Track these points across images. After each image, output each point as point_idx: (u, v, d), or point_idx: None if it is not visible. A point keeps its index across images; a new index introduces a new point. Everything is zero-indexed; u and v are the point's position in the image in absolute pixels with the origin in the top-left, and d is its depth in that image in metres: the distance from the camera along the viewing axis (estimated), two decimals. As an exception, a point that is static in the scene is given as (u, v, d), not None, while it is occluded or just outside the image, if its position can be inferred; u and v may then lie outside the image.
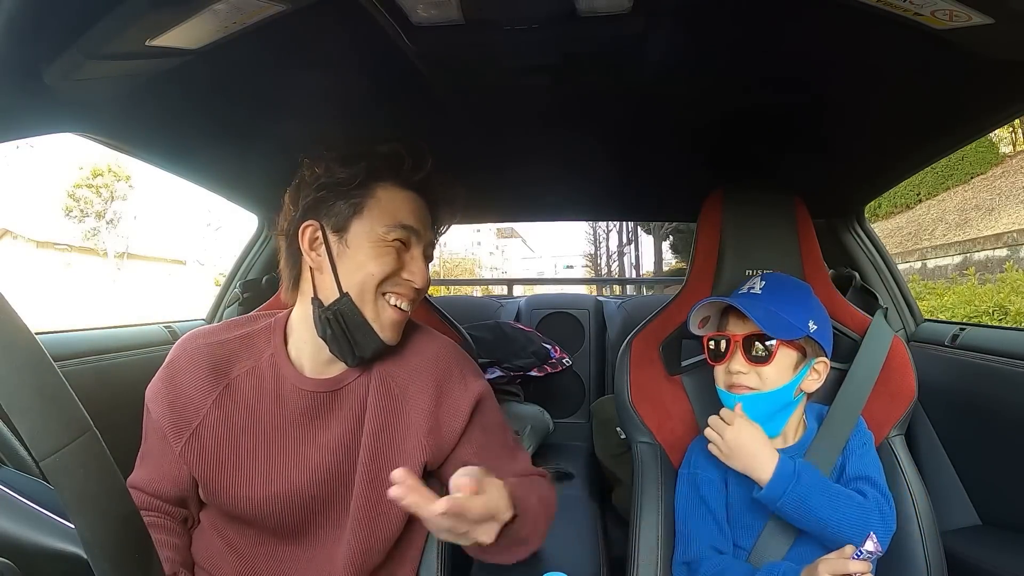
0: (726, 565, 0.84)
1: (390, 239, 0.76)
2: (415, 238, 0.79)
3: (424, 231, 0.80)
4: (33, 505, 0.43)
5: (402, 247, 0.78)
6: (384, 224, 0.76)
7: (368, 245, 0.76)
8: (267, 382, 0.78)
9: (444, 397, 0.81)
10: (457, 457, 0.81)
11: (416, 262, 0.78)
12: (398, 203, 0.78)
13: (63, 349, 1.00)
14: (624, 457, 1.46)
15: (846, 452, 0.88)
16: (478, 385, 0.84)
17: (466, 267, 26.70)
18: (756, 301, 0.87)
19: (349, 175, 0.76)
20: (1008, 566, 0.90)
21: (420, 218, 0.80)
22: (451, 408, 0.81)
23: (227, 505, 0.76)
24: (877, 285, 1.33)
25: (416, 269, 0.78)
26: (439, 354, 0.85)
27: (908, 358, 0.98)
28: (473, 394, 0.83)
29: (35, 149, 18.67)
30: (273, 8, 0.62)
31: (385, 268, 0.76)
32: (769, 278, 0.91)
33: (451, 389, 0.82)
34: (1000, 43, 0.63)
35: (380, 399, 0.79)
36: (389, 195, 0.78)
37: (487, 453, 0.82)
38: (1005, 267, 6.69)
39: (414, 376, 0.82)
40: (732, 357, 0.87)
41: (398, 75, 0.84)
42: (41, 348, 0.36)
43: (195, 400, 0.76)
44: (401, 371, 0.82)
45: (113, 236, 18.73)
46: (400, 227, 0.77)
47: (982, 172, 10.30)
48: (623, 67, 0.83)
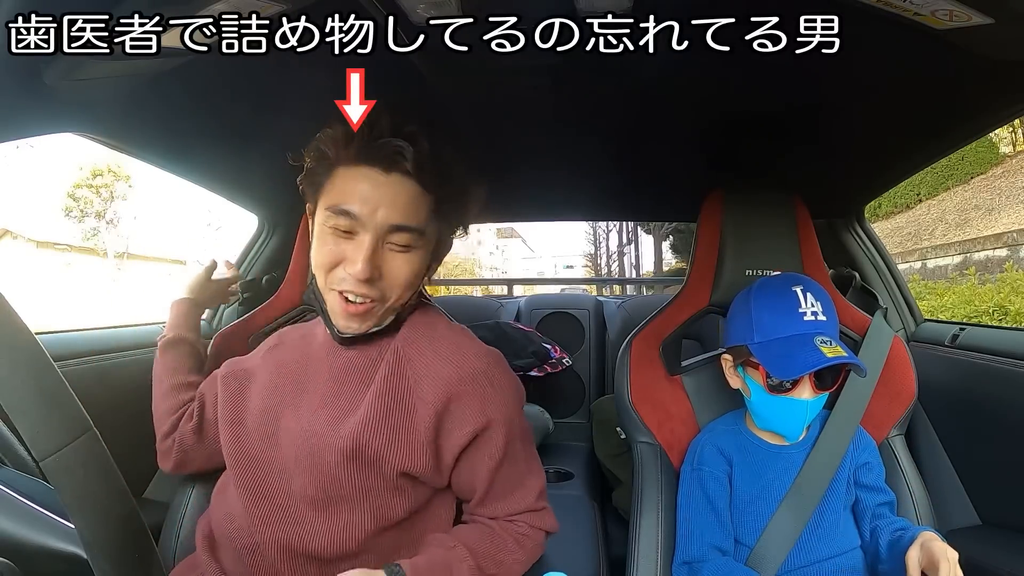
0: (729, 568, 0.84)
1: (329, 226, 0.70)
2: (361, 226, 0.69)
3: (379, 217, 0.68)
4: (33, 505, 0.43)
5: (346, 235, 0.70)
6: (326, 209, 0.70)
7: (318, 231, 0.72)
8: (312, 340, 0.82)
9: (448, 412, 0.72)
10: (454, 475, 0.76)
11: (358, 251, 0.68)
12: (349, 185, 0.69)
13: (63, 349, 1.00)
14: (624, 457, 1.46)
15: (856, 461, 0.88)
16: (491, 414, 0.73)
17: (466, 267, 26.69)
18: (829, 328, 0.83)
19: (315, 155, 0.73)
20: (1008, 566, 0.90)
21: (375, 200, 0.68)
22: (458, 423, 0.72)
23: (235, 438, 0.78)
24: (877, 285, 1.33)
25: (355, 259, 0.68)
26: (463, 368, 0.73)
27: (908, 358, 0.98)
28: (480, 421, 0.72)
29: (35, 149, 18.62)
30: (273, 8, 0.62)
31: (321, 258, 0.71)
32: (808, 288, 0.86)
33: (460, 407, 0.72)
34: (1000, 43, 0.63)
35: (390, 378, 0.73)
36: (343, 175, 0.70)
37: (476, 481, 0.75)
38: (1005, 267, 6.69)
39: (430, 377, 0.73)
40: (802, 387, 0.82)
41: (398, 75, 0.84)
42: (41, 348, 0.36)
43: (253, 358, 0.84)
44: (419, 365, 0.74)
45: (113, 236, 18.71)
46: (339, 212, 0.68)
47: (982, 172, 10.30)
48: (623, 67, 0.83)
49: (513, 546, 0.75)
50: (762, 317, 0.85)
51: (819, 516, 0.86)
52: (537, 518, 0.78)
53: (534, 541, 0.78)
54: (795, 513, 0.85)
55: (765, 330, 0.84)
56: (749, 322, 0.86)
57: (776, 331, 0.83)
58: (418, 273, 0.74)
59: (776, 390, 0.83)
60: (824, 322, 0.83)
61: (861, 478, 0.89)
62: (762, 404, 0.85)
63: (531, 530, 0.77)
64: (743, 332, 0.86)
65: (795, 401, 0.82)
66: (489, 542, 0.73)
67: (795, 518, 0.85)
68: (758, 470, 0.89)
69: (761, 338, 0.83)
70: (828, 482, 0.86)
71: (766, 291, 0.87)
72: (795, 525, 0.85)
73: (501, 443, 0.73)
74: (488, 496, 0.76)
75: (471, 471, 0.75)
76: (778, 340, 0.82)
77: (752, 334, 0.84)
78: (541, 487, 0.80)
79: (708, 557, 0.85)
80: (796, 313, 0.83)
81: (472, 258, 28.38)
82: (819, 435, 0.89)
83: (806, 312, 0.83)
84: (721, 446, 0.91)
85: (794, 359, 0.80)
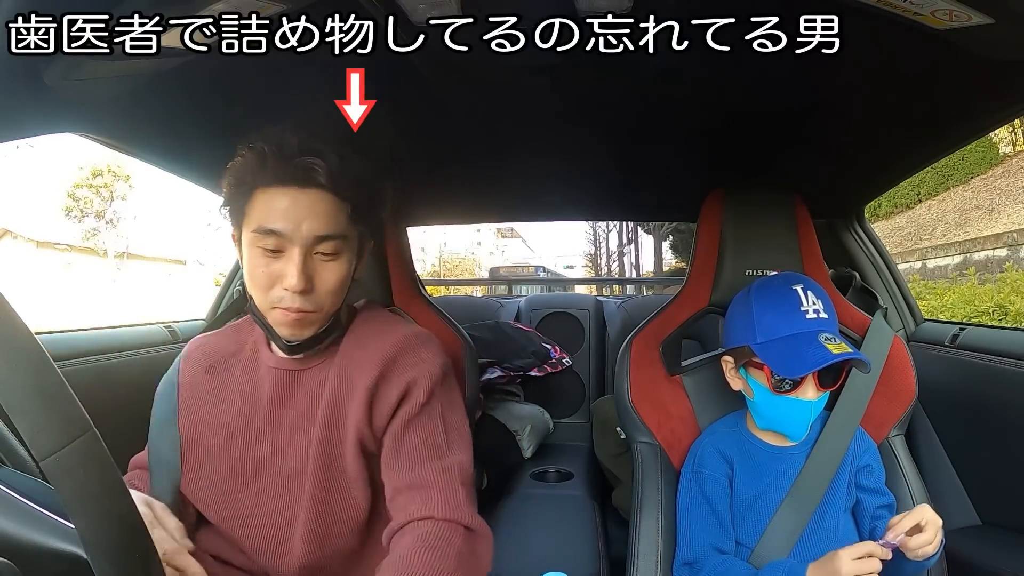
0: (729, 565, 0.84)
1: (257, 247, 0.72)
2: (289, 242, 0.71)
3: (303, 230, 0.71)
4: (33, 505, 0.43)
5: (275, 253, 0.72)
6: (252, 231, 0.72)
7: (247, 254, 0.74)
8: (247, 362, 0.82)
9: (383, 381, 0.76)
10: (385, 443, 0.77)
11: (289, 265, 0.71)
12: (270, 205, 0.72)
13: (63, 349, 1.00)
14: (624, 457, 1.46)
15: (856, 464, 0.88)
16: (416, 371, 0.77)
17: (466, 267, 26.67)
18: (830, 326, 0.84)
19: (233, 182, 0.74)
20: (1008, 566, 0.90)
21: (297, 215, 0.71)
22: (386, 393, 0.76)
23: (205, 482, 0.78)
24: (877, 285, 1.33)
25: (289, 273, 0.71)
26: (395, 340, 0.79)
27: (908, 358, 0.98)
28: (405, 379, 0.76)
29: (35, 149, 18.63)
30: (273, 8, 0.62)
31: (256, 280, 0.73)
32: (808, 287, 0.86)
33: (391, 373, 0.77)
34: (1000, 43, 0.63)
35: (336, 383, 0.77)
36: (263, 197, 0.72)
37: (406, 445, 0.75)
38: (1005, 267, 6.69)
39: (366, 360, 0.77)
40: (806, 386, 0.82)
41: (398, 75, 0.84)
42: (41, 348, 0.36)
43: (188, 384, 0.82)
44: (360, 354, 0.79)
45: (113, 236, 18.71)
46: (265, 232, 0.71)
47: (982, 172, 10.30)
48: (623, 67, 0.83)
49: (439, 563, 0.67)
50: (764, 317, 0.84)
51: (819, 517, 0.86)
52: (451, 509, 0.71)
53: (453, 545, 0.69)
54: (795, 514, 0.85)
55: (768, 330, 0.83)
56: (751, 323, 0.85)
57: (779, 330, 0.83)
58: (347, 276, 0.77)
59: (780, 390, 0.83)
60: (826, 320, 0.83)
61: (862, 480, 0.88)
62: (766, 405, 0.85)
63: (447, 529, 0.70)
64: (744, 333, 0.86)
65: (799, 401, 0.82)
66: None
67: (795, 519, 0.85)
68: (759, 471, 0.89)
69: (764, 338, 0.83)
70: (828, 483, 0.86)
71: (766, 291, 0.87)
72: (795, 526, 0.85)
73: (420, 400, 0.76)
74: (399, 458, 0.74)
75: (392, 436, 0.76)
76: (782, 339, 0.82)
77: (754, 335, 0.84)
78: (462, 467, 0.76)
79: (708, 557, 0.85)
80: (798, 311, 0.83)
81: (472, 258, 28.36)
82: (819, 436, 0.89)
83: (808, 310, 0.83)
84: (722, 448, 0.91)
85: (800, 357, 0.79)
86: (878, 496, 0.88)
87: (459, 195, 1.66)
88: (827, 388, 0.83)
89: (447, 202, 1.74)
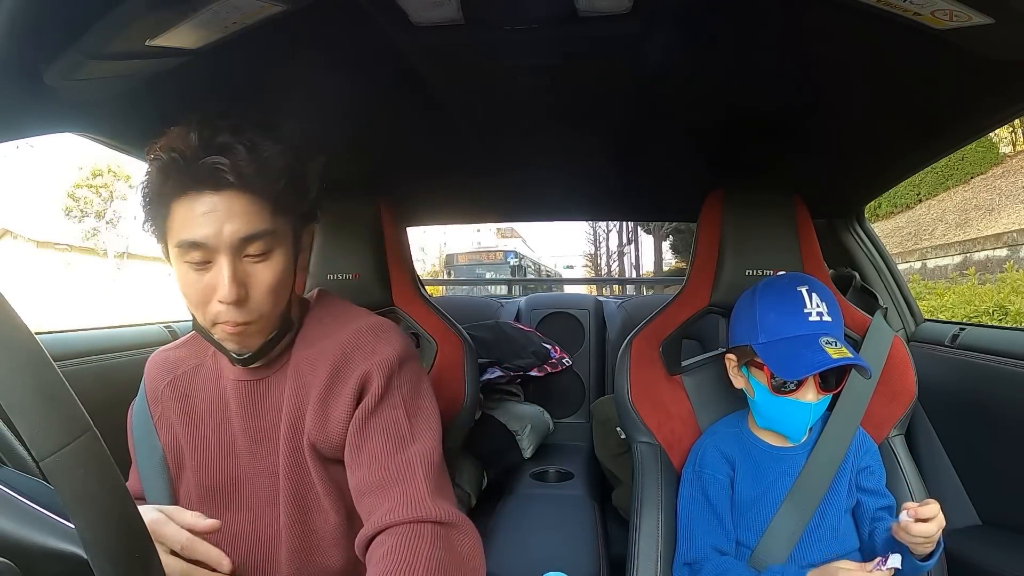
0: (729, 566, 0.84)
1: (184, 262, 0.66)
2: (214, 251, 0.66)
3: (226, 234, 0.65)
4: (33, 505, 0.43)
5: (203, 266, 0.66)
6: (176, 246, 0.66)
7: (177, 270, 0.68)
8: (210, 375, 0.79)
9: (336, 382, 0.72)
10: (347, 445, 0.72)
11: (219, 275, 0.66)
12: (186, 215, 0.65)
13: (63, 349, 1.00)
14: (624, 457, 1.46)
15: (857, 465, 0.89)
16: (368, 364, 0.72)
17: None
18: (834, 329, 0.84)
19: (148, 198, 0.67)
20: (1008, 566, 0.90)
21: (216, 220, 0.65)
22: (340, 393, 0.72)
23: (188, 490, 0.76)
24: (877, 285, 1.33)
25: (220, 284, 0.66)
26: (345, 338, 0.74)
27: (908, 358, 0.98)
28: (358, 376, 0.71)
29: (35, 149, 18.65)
30: (273, 8, 0.62)
31: (191, 296, 0.68)
32: (815, 289, 0.85)
33: (343, 373, 0.72)
34: (1000, 43, 0.63)
35: (295, 388, 0.74)
36: (178, 208, 0.66)
37: (368, 443, 0.71)
38: (1005, 267, 6.69)
39: (318, 361, 0.73)
40: (806, 388, 0.82)
41: (398, 75, 0.84)
42: (41, 348, 0.36)
43: (155, 399, 0.80)
44: (312, 354, 0.75)
45: (113, 236, 18.72)
46: (189, 246, 0.65)
47: (982, 172, 10.30)
48: (623, 67, 0.83)
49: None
50: (767, 317, 0.84)
51: (820, 518, 0.86)
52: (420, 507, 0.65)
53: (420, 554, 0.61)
54: (796, 514, 0.85)
55: (770, 330, 0.83)
56: (754, 322, 0.85)
57: (781, 331, 0.83)
58: (286, 273, 0.71)
59: (780, 391, 0.83)
60: (829, 323, 0.83)
61: (862, 482, 0.89)
62: (766, 404, 0.85)
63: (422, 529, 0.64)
64: (747, 332, 0.86)
65: (799, 403, 0.82)
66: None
67: (796, 519, 0.85)
68: (760, 472, 0.89)
69: (766, 338, 0.83)
70: (829, 483, 0.86)
71: (771, 291, 0.87)
72: (796, 526, 0.85)
73: (377, 393, 0.71)
74: (360, 458, 0.70)
75: (353, 436, 0.71)
76: (783, 340, 0.82)
77: (757, 334, 0.84)
78: (425, 455, 0.70)
79: (709, 558, 0.85)
80: (801, 313, 0.83)
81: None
82: (819, 436, 0.89)
83: (811, 313, 0.83)
84: (723, 449, 0.91)
85: (799, 360, 0.79)
86: (878, 497, 0.88)
87: (459, 195, 1.66)
88: (828, 391, 0.83)
89: (447, 202, 1.74)
